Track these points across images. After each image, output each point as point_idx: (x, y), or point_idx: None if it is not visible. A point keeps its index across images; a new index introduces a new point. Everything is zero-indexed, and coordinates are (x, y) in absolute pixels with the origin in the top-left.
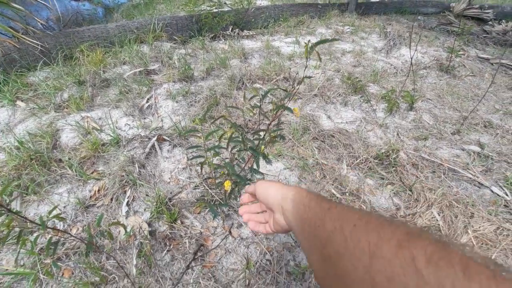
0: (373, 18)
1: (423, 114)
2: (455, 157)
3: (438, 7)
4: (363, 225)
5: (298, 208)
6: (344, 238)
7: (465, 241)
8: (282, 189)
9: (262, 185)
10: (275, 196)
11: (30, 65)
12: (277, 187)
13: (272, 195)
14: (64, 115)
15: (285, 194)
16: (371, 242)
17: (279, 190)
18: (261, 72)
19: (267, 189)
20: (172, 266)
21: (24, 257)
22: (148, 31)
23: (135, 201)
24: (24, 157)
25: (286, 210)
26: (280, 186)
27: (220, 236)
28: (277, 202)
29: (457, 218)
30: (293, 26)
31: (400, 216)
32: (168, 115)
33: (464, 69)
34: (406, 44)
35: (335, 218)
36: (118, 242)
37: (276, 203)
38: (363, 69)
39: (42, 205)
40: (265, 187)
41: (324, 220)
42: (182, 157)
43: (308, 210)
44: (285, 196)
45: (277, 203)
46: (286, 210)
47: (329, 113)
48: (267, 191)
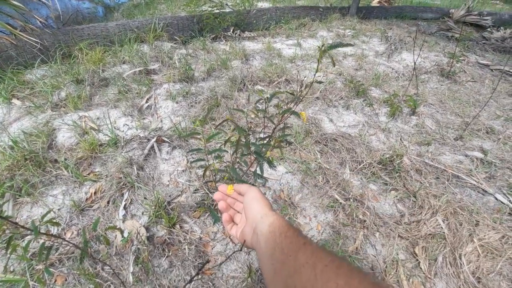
0: (374, 22)
1: (425, 119)
2: (458, 163)
3: (437, 13)
4: (334, 267)
5: (273, 233)
6: (314, 274)
7: (470, 250)
8: (265, 210)
9: (252, 195)
10: (256, 212)
11: (27, 63)
12: (262, 205)
13: (254, 210)
14: (61, 114)
15: (265, 217)
16: (338, 285)
17: (262, 209)
18: (262, 74)
19: (252, 201)
20: (171, 273)
21: (15, 263)
22: (149, 30)
23: (133, 204)
24: (18, 157)
25: (259, 231)
26: (265, 206)
27: (220, 241)
28: (254, 219)
29: (461, 226)
30: (294, 28)
31: (405, 223)
32: (168, 116)
33: (464, 74)
34: (407, 49)
35: (308, 254)
36: (114, 247)
37: (254, 219)
38: (364, 73)
39: (35, 207)
40: (253, 198)
41: (298, 252)
42: (182, 159)
43: (283, 238)
44: (264, 219)
45: (254, 220)
46: (259, 232)
47: (331, 117)
48: (251, 203)
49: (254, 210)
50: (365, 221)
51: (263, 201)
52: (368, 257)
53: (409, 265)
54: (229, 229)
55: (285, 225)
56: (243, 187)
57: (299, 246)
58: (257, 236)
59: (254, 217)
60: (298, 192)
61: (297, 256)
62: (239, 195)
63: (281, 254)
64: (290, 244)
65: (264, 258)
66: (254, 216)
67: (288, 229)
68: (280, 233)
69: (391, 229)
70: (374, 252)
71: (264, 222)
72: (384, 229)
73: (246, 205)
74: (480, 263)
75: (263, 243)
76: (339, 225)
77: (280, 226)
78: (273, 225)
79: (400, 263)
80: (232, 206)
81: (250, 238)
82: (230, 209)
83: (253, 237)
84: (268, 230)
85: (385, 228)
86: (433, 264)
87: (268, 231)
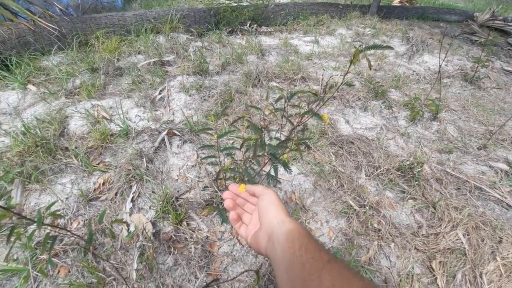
0: (395, 22)
1: (447, 125)
2: (481, 174)
3: (461, 15)
4: None
5: (291, 243)
6: None
7: (492, 269)
8: (282, 216)
9: (268, 199)
10: (272, 217)
11: (44, 49)
12: (279, 210)
13: (270, 215)
14: (74, 102)
15: (282, 223)
16: None
17: (279, 215)
18: (278, 70)
19: (269, 206)
20: (175, 272)
21: (19, 251)
22: (165, 21)
23: (140, 197)
24: (29, 143)
25: (275, 238)
26: (282, 212)
27: (227, 241)
28: (270, 225)
29: (483, 242)
30: (312, 25)
31: (422, 235)
32: (180, 109)
33: (489, 80)
34: (429, 51)
35: (334, 276)
36: (119, 241)
37: (269, 225)
38: (384, 74)
39: (44, 195)
40: (269, 202)
41: (322, 272)
42: (192, 154)
43: (304, 251)
44: (281, 226)
45: (270, 226)
46: (276, 239)
47: (348, 118)
48: (268, 207)
49: (270, 215)
50: (380, 230)
51: (280, 206)
52: (382, 268)
53: (425, 281)
54: (238, 228)
55: (305, 236)
56: (258, 189)
57: (322, 264)
58: (272, 243)
59: (270, 223)
60: (310, 195)
61: (321, 277)
62: (250, 196)
63: (301, 271)
64: (312, 260)
65: (280, 269)
66: (270, 222)
67: (308, 241)
68: (299, 245)
69: (408, 240)
70: (388, 264)
71: (281, 229)
72: (400, 240)
73: (262, 208)
74: (502, 284)
75: (279, 252)
76: (353, 233)
77: (299, 236)
78: (291, 234)
79: (416, 278)
80: (241, 206)
81: (265, 245)
82: (237, 208)
83: (268, 244)
84: (285, 239)
85: (401, 239)
86: (451, 281)
87: (285, 240)
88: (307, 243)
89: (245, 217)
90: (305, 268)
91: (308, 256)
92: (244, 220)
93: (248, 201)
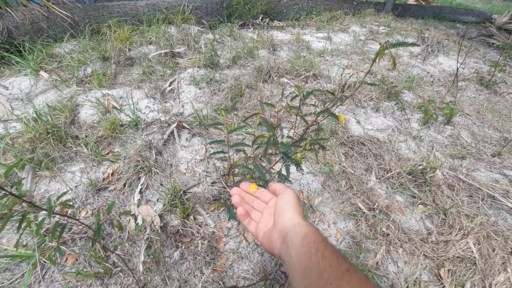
0: (410, 21)
1: (461, 130)
2: (494, 182)
3: (479, 16)
4: None
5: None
6: None
7: (502, 280)
8: (297, 218)
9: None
10: (288, 219)
11: (57, 36)
12: (295, 212)
13: (286, 216)
14: (85, 90)
15: (298, 226)
16: None
17: (295, 217)
18: (289, 66)
19: (285, 206)
20: (181, 266)
21: (28, 237)
22: (178, 12)
23: (149, 189)
24: (40, 129)
25: (290, 241)
26: (297, 214)
27: (233, 238)
28: (285, 227)
29: (494, 252)
30: (325, 21)
31: (432, 241)
32: (190, 102)
33: (505, 85)
34: (444, 52)
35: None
36: (127, 233)
37: (284, 227)
38: (398, 74)
39: (53, 182)
40: (287, 202)
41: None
42: (201, 147)
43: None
44: (297, 229)
45: (285, 228)
46: (291, 243)
47: (359, 118)
48: (284, 208)
49: (286, 216)
50: (389, 234)
51: (296, 208)
52: (389, 274)
53: None
54: (247, 224)
55: (321, 241)
56: (279, 187)
57: (341, 273)
58: (287, 246)
59: (285, 224)
60: (319, 195)
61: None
62: (261, 194)
63: (319, 278)
64: (330, 268)
65: (295, 275)
66: (285, 223)
67: (325, 247)
68: (316, 251)
69: (416, 246)
70: (396, 270)
71: (296, 232)
72: (409, 245)
73: (278, 208)
74: None
75: (294, 257)
76: (361, 236)
77: (316, 241)
78: (308, 238)
79: (423, 285)
80: (249, 203)
81: (279, 246)
82: (245, 205)
83: (282, 246)
84: (301, 243)
85: (410, 244)
86: None
87: (301, 244)
88: (323, 248)
89: (254, 214)
90: (323, 276)
91: (325, 263)
92: (253, 217)
93: (258, 198)
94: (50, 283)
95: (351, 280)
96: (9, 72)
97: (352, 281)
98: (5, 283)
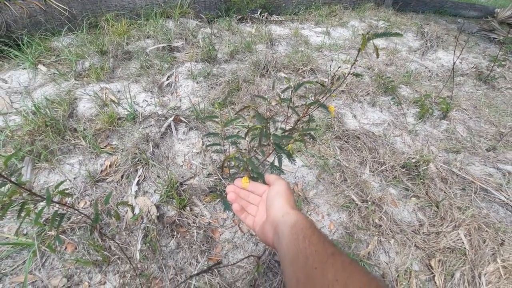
0: (410, 15)
1: (456, 124)
2: (488, 176)
3: (481, 11)
4: None
5: (295, 236)
6: None
7: (492, 270)
8: (286, 208)
9: (276, 189)
10: (277, 209)
11: (55, 30)
12: (284, 201)
13: (276, 207)
14: (83, 84)
15: (287, 215)
16: None
17: (284, 207)
18: (287, 61)
19: (275, 197)
20: (177, 255)
21: (28, 226)
22: (175, 6)
23: (146, 181)
24: (39, 122)
25: (280, 231)
26: (286, 203)
27: (228, 228)
28: (275, 217)
29: (485, 243)
30: (324, 15)
31: (423, 233)
32: (187, 96)
33: (504, 81)
34: (444, 47)
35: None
36: (124, 223)
37: (274, 217)
38: (395, 69)
39: (52, 174)
40: (277, 193)
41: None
42: (198, 141)
43: (307, 244)
44: (285, 218)
45: (275, 219)
46: (281, 232)
47: (355, 112)
48: (274, 199)
49: (275, 206)
50: (381, 226)
51: (286, 197)
52: (380, 263)
53: (423, 277)
54: (244, 219)
55: (308, 228)
56: (271, 178)
57: (326, 256)
58: (278, 236)
59: (275, 215)
60: (313, 187)
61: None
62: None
63: (305, 264)
64: (316, 254)
65: (285, 262)
66: (275, 214)
67: (312, 233)
68: (303, 237)
69: (408, 237)
70: (387, 260)
71: (285, 222)
72: (401, 236)
73: (269, 199)
74: (501, 285)
75: (284, 245)
76: (353, 227)
77: (303, 228)
78: (296, 226)
79: (414, 274)
80: (245, 198)
81: (272, 237)
82: (241, 201)
83: (274, 237)
84: (290, 232)
85: (402, 235)
86: (449, 280)
87: (290, 233)
88: (310, 235)
89: (251, 208)
90: (309, 261)
91: (312, 249)
92: (250, 211)
93: (253, 192)
94: (50, 270)
95: (335, 263)
96: (8, 65)
97: (336, 263)
98: (7, 270)
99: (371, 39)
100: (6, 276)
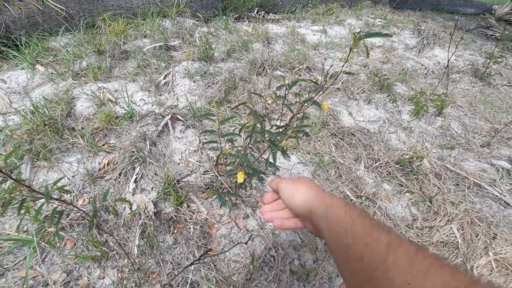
0: (407, 13)
1: (451, 121)
2: (481, 172)
3: (478, 8)
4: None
5: (336, 231)
6: None
7: (484, 263)
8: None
9: (287, 187)
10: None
11: (52, 30)
12: (304, 192)
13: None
14: (81, 84)
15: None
16: None
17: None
18: (283, 59)
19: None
20: (174, 250)
21: (28, 223)
22: (172, 5)
23: (143, 178)
24: (38, 122)
25: (317, 225)
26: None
27: (225, 224)
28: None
29: (477, 237)
30: (321, 13)
31: (416, 227)
32: (184, 94)
33: (500, 78)
34: (440, 45)
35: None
36: (122, 219)
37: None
38: (391, 67)
39: (51, 172)
40: (290, 189)
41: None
42: (194, 139)
43: (354, 238)
44: (315, 210)
45: (305, 214)
46: (318, 226)
47: (351, 110)
48: (292, 197)
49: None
50: None
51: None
52: None
53: None
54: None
55: (344, 214)
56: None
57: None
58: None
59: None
60: None
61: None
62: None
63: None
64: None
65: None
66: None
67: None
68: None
69: (401, 232)
70: None
71: (316, 215)
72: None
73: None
74: (493, 278)
75: (329, 241)
76: None
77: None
78: (329, 218)
79: None
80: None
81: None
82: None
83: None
84: (326, 226)
85: (395, 230)
86: None
87: (326, 228)
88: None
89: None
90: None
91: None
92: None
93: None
94: (50, 265)
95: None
96: (7, 66)
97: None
98: (9, 265)
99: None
100: (8, 271)
